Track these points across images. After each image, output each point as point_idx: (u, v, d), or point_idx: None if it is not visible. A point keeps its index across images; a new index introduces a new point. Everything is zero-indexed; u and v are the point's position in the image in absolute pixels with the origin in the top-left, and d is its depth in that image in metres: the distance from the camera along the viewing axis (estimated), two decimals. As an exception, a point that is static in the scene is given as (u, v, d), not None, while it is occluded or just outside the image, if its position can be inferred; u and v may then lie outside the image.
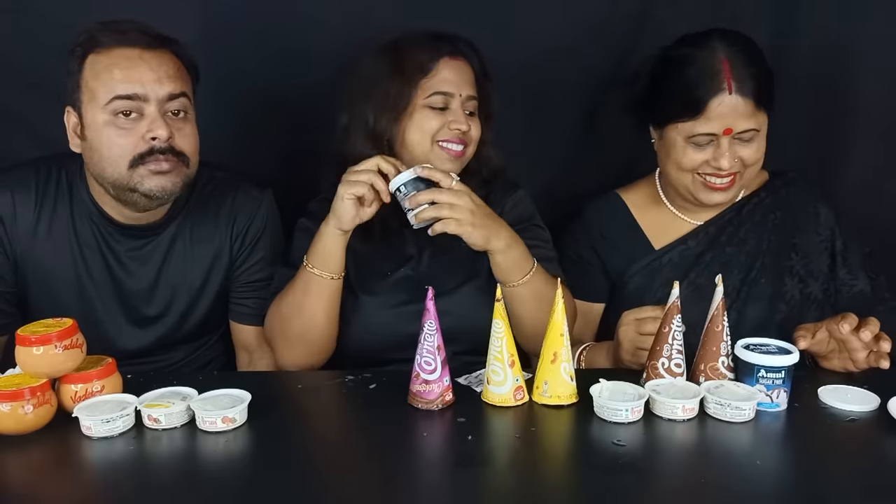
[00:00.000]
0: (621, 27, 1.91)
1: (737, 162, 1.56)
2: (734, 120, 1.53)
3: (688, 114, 1.54)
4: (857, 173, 1.99)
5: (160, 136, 1.44)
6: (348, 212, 1.45)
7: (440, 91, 1.55)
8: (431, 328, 1.28)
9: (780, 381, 1.29)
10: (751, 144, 1.56)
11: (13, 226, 1.55)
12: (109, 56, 1.44)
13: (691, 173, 1.60)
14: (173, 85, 1.46)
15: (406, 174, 1.44)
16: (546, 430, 1.27)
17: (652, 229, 1.72)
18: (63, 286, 1.58)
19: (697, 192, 1.61)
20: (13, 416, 1.20)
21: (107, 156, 1.45)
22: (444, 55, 1.57)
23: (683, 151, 1.58)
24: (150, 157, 1.44)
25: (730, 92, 1.51)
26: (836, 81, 1.94)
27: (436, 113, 1.56)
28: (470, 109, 1.59)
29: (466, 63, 1.60)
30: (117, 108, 1.43)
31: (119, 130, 1.44)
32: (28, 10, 1.79)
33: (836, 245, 1.67)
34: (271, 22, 1.85)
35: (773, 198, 1.69)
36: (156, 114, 1.44)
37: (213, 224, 1.64)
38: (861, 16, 1.90)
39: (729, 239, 1.67)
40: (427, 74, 1.55)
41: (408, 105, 1.55)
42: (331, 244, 1.48)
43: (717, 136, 1.54)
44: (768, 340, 1.35)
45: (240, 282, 1.68)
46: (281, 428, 1.28)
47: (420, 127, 1.56)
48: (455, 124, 1.55)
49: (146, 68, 1.44)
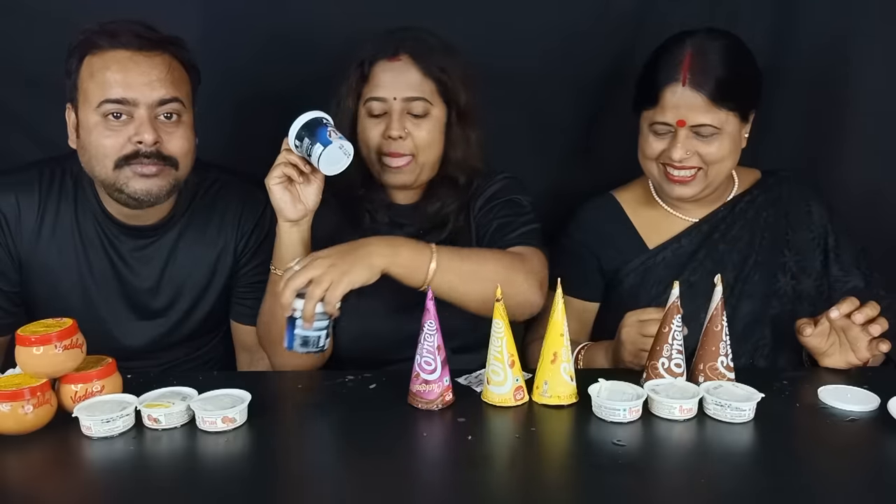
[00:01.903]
0: (620, 26, 1.91)
1: (692, 156, 1.57)
2: (687, 112, 1.54)
3: (648, 102, 1.59)
4: (854, 172, 1.99)
5: (146, 140, 1.45)
6: (282, 199, 1.42)
7: (374, 97, 1.52)
8: (431, 328, 1.28)
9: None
10: (710, 141, 1.56)
11: (17, 226, 1.56)
12: (103, 58, 1.45)
13: (655, 163, 1.62)
14: (165, 90, 1.46)
15: (290, 130, 1.39)
16: (546, 430, 1.27)
17: (645, 228, 1.73)
18: (67, 285, 1.59)
19: (662, 184, 1.64)
20: (13, 416, 1.20)
21: (94, 154, 1.47)
22: (380, 58, 1.52)
23: (646, 139, 1.61)
24: (135, 159, 1.45)
25: (683, 83, 1.54)
26: (835, 81, 1.94)
27: (374, 122, 1.53)
28: (416, 112, 1.52)
29: (409, 62, 1.52)
30: (107, 111, 1.44)
31: (107, 131, 1.45)
32: (28, 9, 1.78)
33: (828, 242, 1.68)
34: (271, 21, 1.85)
35: (766, 195, 1.70)
36: (144, 118, 1.45)
37: (218, 225, 1.65)
38: (860, 15, 1.90)
39: (722, 236, 1.68)
40: (366, 81, 1.53)
41: (355, 114, 1.54)
42: (286, 241, 1.46)
43: (673, 126, 1.56)
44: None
45: (242, 282, 1.69)
46: (281, 428, 1.28)
47: (363, 139, 1.55)
48: (388, 131, 1.51)
49: (137, 72, 1.44)
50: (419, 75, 1.53)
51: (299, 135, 1.39)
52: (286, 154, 1.42)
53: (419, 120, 1.54)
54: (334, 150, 1.37)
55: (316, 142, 1.37)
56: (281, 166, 1.42)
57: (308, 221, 1.47)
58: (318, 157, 1.37)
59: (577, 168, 2.01)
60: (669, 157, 1.57)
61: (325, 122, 1.41)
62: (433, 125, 1.55)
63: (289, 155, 1.42)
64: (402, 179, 1.57)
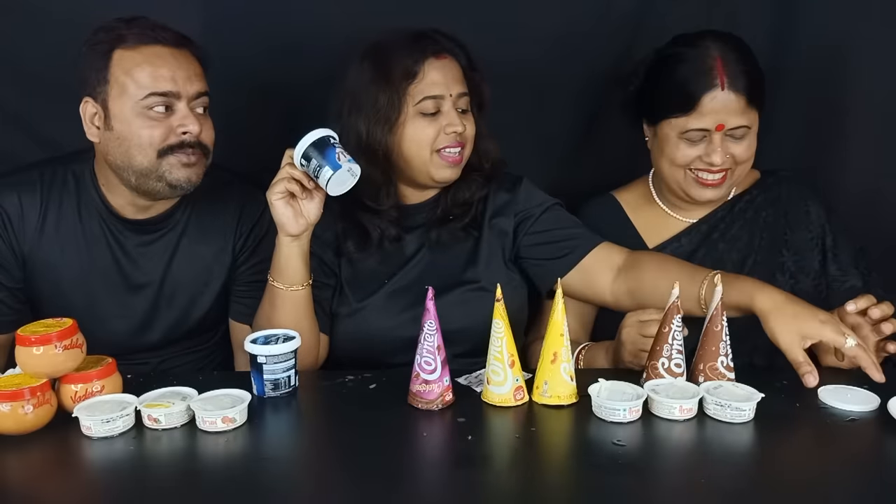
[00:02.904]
0: (620, 26, 1.91)
1: (728, 158, 1.58)
2: (726, 116, 1.55)
3: (681, 109, 1.57)
4: (854, 173, 1.99)
5: (192, 130, 1.50)
6: (283, 214, 1.42)
7: (430, 95, 1.52)
8: (431, 328, 1.28)
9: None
10: (742, 142, 1.59)
11: (20, 224, 1.58)
12: (141, 53, 1.48)
13: (683, 169, 1.62)
14: (200, 84, 1.53)
15: (297, 148, 1.39)
16: (546, 430, 1.27)
17: (645, 228, 1.73)
18: (70, 281, 1.60)
19: (689, 189, 1.63)
20: (13, 416, 1.20)
21: (136, 144, 1.49)
22: (428, 56, 1.53)
23: (676, 147, 1.60)
24: (181, 149, 1.50)
25: (722, 88, 1.54)
26: (834, 82, 1.94)
27: (429, 120, 1.53)
28: (462, 107, 1.56)
29: (452, 59, 1.56)
30: (152, 104, 1.48)
31: (150, 122, 1.49)
32: (28, 9, 1.78)
33: (826, 242, 1.68)
34: (272, 20, 1.85)
35: (765, 195, 1.71)
36: (186, 109, 1.50)
37: (218, 223, 1.67)
38: (859, 16, 1.90)
39: (721, 236, 1.69)
40: (414, 79, 1.51)
41: (399, 114, 1.52)
42: (286, 254, 1.46)
43: (710, 131, 1.56)
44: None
45: (240, 281, 1.70)
46: (281, 428, 1.29)
47: (415, 139, 1.53)
48: (450, 127, 1.52)
49: (177, 66, 1.49)
50: (461, 71, 1.57)
51: (306, 154, 1.38)
52: (289, 169, 1.41)
53: (465, 115, 1.57)
54: (343, 173, 1.38)
55: (325, 164, 1.37)
56: (283, 182, 1.41)
57: (308, 235, 1.47)
58: (326, 180, 1.38)
59: (578, 168, 2.01)
60: (710, 162, 1.57)
61: (333, 141, 1.40)
62: (472, 118, 1.59)
63: (291, 170, 1.41)
64: (454, 174, 1.58)
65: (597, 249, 1.60)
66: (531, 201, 1.66)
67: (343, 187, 1.41)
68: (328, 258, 1.61)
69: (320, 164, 1.37)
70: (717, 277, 1.36)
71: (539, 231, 1.64)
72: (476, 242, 1.64)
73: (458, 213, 1.63)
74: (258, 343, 1.34)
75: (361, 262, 1.61)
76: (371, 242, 1.59)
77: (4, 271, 1.59)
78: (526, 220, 1.65)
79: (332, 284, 1.61)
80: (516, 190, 1.67)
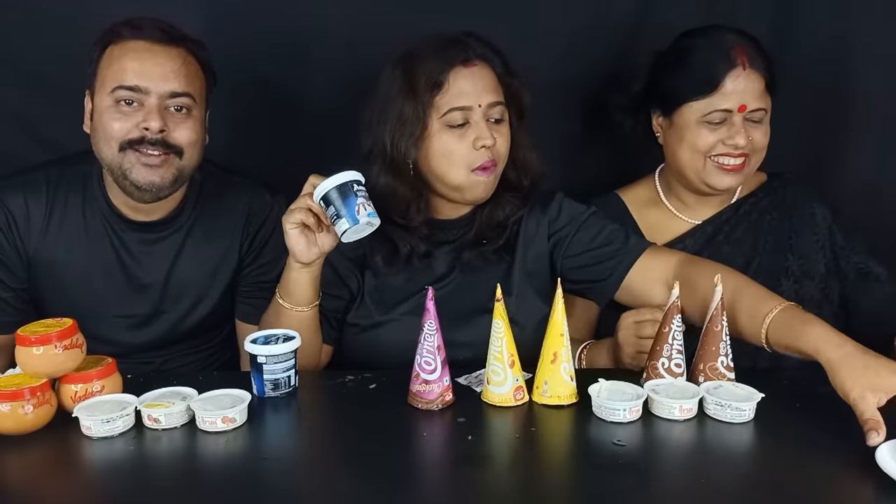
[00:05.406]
0: (621, 26, 1.91)
1: (749, 142, 1.59)
2: (748, 97, 1.57)
3: (703, 92, 1.58)
4: (856, 170, 1.99)
5: (152, 127, 1.47)
6: (297, 243, 1.37)
7: (457, 106, 1.43)
8: (431, 328, 1.28)
9: None
10: (760, 126, 1.61)
11: (26, 225, 1.59)
12: (123, 48, 1.49)
13: (704, 157, 1.62)
14: (178, 82, 1.49)
15: (318, 189, 1.34)
16: (546, 430, 1.27)
17: (650, 229, 1.72)
18: (74, 281, 1.61)
19: (709, 178, 1.63)
20: (13, 416, 1.20)
21: (102, 136, 1.50)
22: (455, 64, 1.44)
23: (698, 133, 1.61)
24: (141, 145, 1.48)
25: (744, 67, 1.57)
26: (835, 79, 1.94)
27: (456, 133, 1.44)
28: (496, 116, 1.47)
29: (485, 66, 1.47)
30: (119, 97, 1.48)
31: (117, 114, 1.48)
32: (31, 8, 1.78)
33: (836, 241, 1.69)
34: (272, 21, 1.85)
35: (771, 198, 1.71)
36: (153, 106, 1.48)
37: (224, 224, 1.66)
38: (860, 12, 1.90)
39: (725, 238, 1.69)
40: (440, 90, 1.43)
41: (425, 127, 1.44)
42: (295, 277, 1.43)
43: (732, 112, 1.58)
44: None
45: (247, 282, 1.70)
46: (281, 428, 1.29)
47: (442, 154, 1.45)
48: (480, 141, 1.43)
49: (153, 62, 1.48)
50: (494, 79, 1.48)
51: (327, 197, 1.33)
52: (307, 200, 1.36)
53: (499, 125, 1.48)
54: (360, 227, 1.34)
55: (343, 215, 1.32)
56: (301, 212, 1.36)
57: (320, 263, 1.44)
58: (342, 231, 1.34)
59: (580, 168, 2.01)
60: (733, 144, 1.58)
61: (357, 188, 1.34)
62: (507, 129, 1.51)
63: (310, 201, 1.36)
64: (487, 191, 1.49)
65: (639, 264, 1.51)
66: (563, 220, 1.58)
67: (358, 236, 1.37)
68: (343, 270, 1.55)
69: (338, 212, 1.33)
70: (771, 309, 1.31)
71: (575, 254, 1.56)
72: (509, 269, 1.57)
73: (491, 237, 1.56)
74: (258, 343, 1.34)
75: (389, 276, 1.55)
76: (399, 257, 1.53)
77: (9, 272, 1.60)
78: (561, 243, 1.57)
79: (342, 296, 1.56)
80: (548, 208, 1.59)
